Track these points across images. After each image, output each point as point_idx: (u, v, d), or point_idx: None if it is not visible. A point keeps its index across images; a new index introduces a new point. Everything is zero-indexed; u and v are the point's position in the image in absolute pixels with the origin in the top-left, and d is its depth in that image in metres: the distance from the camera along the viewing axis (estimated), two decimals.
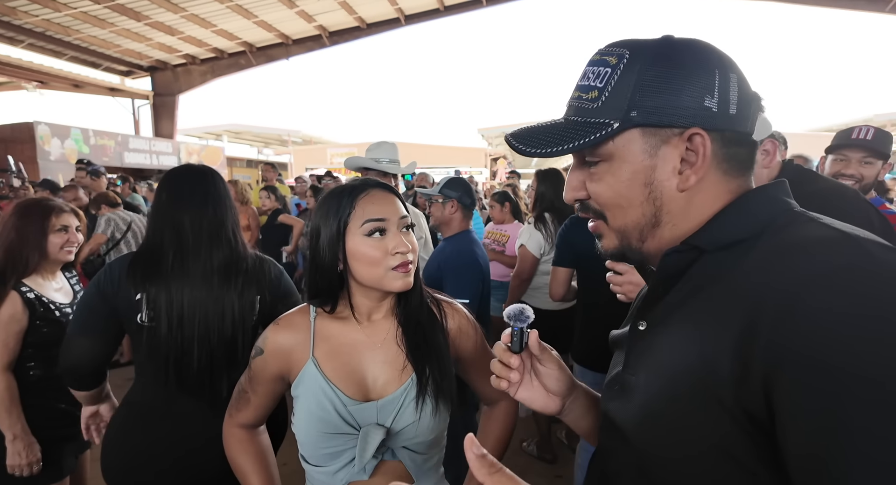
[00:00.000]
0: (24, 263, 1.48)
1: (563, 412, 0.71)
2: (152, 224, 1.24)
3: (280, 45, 11.20)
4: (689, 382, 0.47)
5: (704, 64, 0.49)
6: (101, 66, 11.32)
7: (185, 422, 1.20)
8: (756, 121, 0.52)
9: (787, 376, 0.39)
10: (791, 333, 0.39)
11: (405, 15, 10.51)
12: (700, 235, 0.51)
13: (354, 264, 0.86)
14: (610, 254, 0.58)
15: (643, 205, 0.53)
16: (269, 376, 0.92)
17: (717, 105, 0.49)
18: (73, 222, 1.60)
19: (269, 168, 6.23)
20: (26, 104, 23.30)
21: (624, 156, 0.52)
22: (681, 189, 0.51)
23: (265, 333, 0.93)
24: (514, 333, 0.65)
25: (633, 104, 0.50)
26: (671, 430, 0.48)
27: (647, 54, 0.50)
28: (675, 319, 0.51)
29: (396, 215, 0.87)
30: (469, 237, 2.12)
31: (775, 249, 0.45)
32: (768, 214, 0.50)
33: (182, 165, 1.33)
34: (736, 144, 0.51)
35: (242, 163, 16.59)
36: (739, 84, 0.50)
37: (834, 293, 0.39)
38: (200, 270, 1.20)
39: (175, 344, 1.18)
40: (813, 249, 0.43)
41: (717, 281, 0.48)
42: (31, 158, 7.89)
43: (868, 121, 17.82)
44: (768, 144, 1.25)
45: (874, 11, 8.53)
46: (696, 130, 0.49)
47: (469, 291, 1.92)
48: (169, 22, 9.39)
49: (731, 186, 0.53)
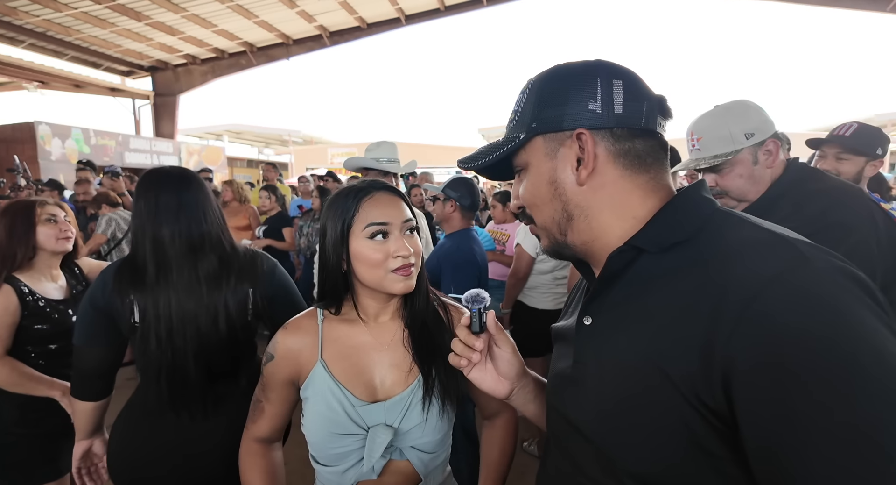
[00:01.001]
0: (13, 258, 1.49)
1: (512, 397, 0.74)
2: (134, 234, 1.20)
3: (281, 45, 11.19)
4: (646, 375, 0.50)
5: (587, 75, 0.57)
6: (101, 66, 11.32)
7: (183, 428, 1.18)
8: (654, 118, 0.58)
9: (740, 382, 0.43)
10: (744, 340, 0.43)
11: (406, 15, 10.50)
12: (640, 237, 0.56)
13: (357, 266, 0.87)
14: (548, 252, 0.65)
15: (552, 201, 0.60)
16: (281, 381, 0.93)
17: (601, 107, 0.56)
18: (60, 213, 1.59)
19: (269, 168, 6.22)
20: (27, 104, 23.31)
21: (533, 161, 0.61)
22: (580, 183, 0.58)
23: (275, 339, 0.94)
24: (472, 315, 0.70)
25: (534, 117, 0.60)
26: (631, 423, 0.51)
27: (543, 79, 0.60)
28: (626, 314, 0.55)
29: (400, 218, 0.87)
30: (469, 235, 2.19)
31: (721, 252, 0.50)
32: (700, 215, 0.55)
33: (156, 170, 1.24)
34: (628, 139, 0.57)
35: (243, 163, 16.60)
36: (626, 87, 0.57)
37: (779, 300, 0.43)
38: (185, 283, 1.16)
39: (166, 359, 1.15)
40: (754, 252, 0.47)
41: (669, 280, 0.52)
42: (32, 158, 7.89)
43: (869, 121, 17.76)
44: (771, 144, 1.25)
45: (875, 11, 8.52)
46: (581, 130, 0.56)
47: (464, 287, 1.95)
48: (169, 22, 9.38)
49: (639, 181, 0.58)
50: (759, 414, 0.42)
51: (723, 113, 1.27)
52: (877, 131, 1.88)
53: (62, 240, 1.56)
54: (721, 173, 1.27)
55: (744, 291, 0.44)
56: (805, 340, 0.40)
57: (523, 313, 2.76)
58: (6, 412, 1.46)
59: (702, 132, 1.29)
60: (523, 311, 2.76)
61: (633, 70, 0.59)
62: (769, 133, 1.24)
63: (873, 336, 0.40)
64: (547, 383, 0.69)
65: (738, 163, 1.25)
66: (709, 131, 1.27)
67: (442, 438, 0.93)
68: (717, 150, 1.26)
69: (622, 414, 0.52)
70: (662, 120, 0.59)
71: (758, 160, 1.25)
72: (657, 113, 0.58)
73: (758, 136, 1.23)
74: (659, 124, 0.59)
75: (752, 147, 1.24)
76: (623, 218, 0.58)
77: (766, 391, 0.41)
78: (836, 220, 1.12)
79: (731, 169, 1.26)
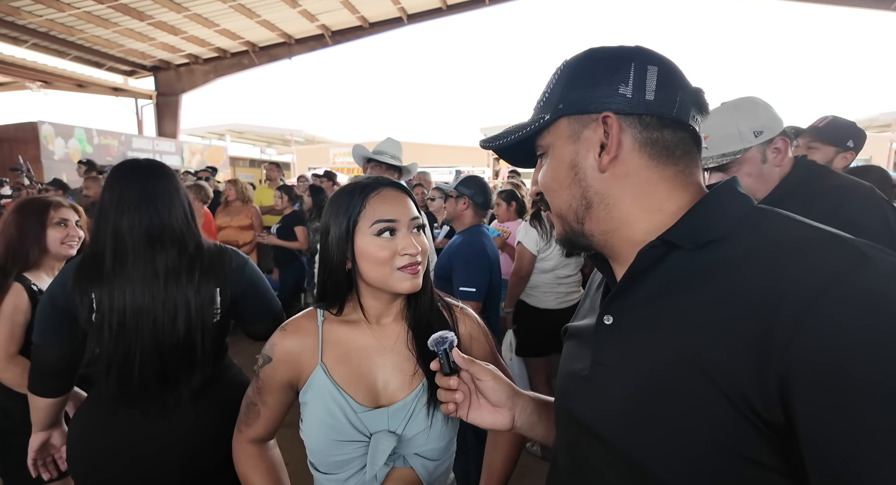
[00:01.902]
0: (25, 257, 1.50)
1: (516, 423, 0.72)
2: (95, 226, 1.18)
3: (283, 44, 11.19)
4: (679, 374, 0.47)
5: (620, 59, 0.55)
6: (104, 65, 11.33)
7: (135, 427, 1.15)
8: (688, 110, 0.55)
9: (803, 387, 0.40)
10: (806, 344, 0.40)
11: (408, 14, 10.48)
12: (675, 231, 0.52)
13: (362, 264, 0.84)
14: (561, 241, 0.63)
15: (571, 186, 0.58)
16: (279, 385, 0.90)
17: (632, 92, 0.53)
18: (73, 217, 1.60)
19: (273, 167, 6.18)
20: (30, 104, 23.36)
21: (556, 144, 0.59)
22: (601, 170, 0.55)
23: (272, 341, 0.90)
24: (441, 359, 0.70)
25: (562, 98, 0.57)
26: (659, 422, 0.48)
27: (575, 60, 0.58)
28: (655, 313, 0.52)
29: (407, 216, 0.85)
30: (480, 231, 2.23)
31: (767, 250, 0.47)
32: (737, 211, 0.52)
33: (126, 162, 1.23)
34: (657, 128, 0.54)
35: (245, 162, 16.61)
36: (661, 75, 0.54)
37: (844, 303, 0.40)
38: (140, 275, 1.13)
39: (117, 352, 1.12)
40: (809, 251, 0.44)
41: (706, 278, 0.49)
42: (35, 158, 7.90)
43: (873, 120, 17.66)
44: (780, 142, 1.23)
45: (880, 9, 8.47)
46: (607, 113, 0.54)
47: (476, 280, 2.01)
48: (172, 22, 9.39)
49: (666, 174, 0.55)
50: (821, 423, 0.39)
51: (731, 110, 1.25)
52: (850, 125, 1.99)
53: (66, 245, 1.56)
54: (729, 172, 1.25)
55: (804, 291, 0.41)
56: (873, 346, 0.38)
57: (526, 313, 2.75)
58: (14, 412, 1.45)
59: (709, 130, 1.27)
60: (526, 310, 2.75)
61: (672, 60, 0.56)
62: (778, 131, 1.23)
63: None
64: (557, 386, 0.66)
65: (746, 161, 1.23)
66: (716, 129, 1.25)
67: (447, 444, 0.90)
68: (726, 148, 1.24)
69: (649, 414, 0.49)
70: (697, 114, 0.56)
71: (767, 158, 1.23)
72: (691, 105, 0.55)
73: (767, 133, 1.21)
74: (693, 117, 0.56)
75: (761, 145, 1.22)
76: (648, 210, 0.55)
77: (828, 399, 0.39)
78: (848, 218, 1.10)
79: (740, 168, 1.24)
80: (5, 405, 1.46)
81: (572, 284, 2.77)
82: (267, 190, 5.77)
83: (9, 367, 1.42)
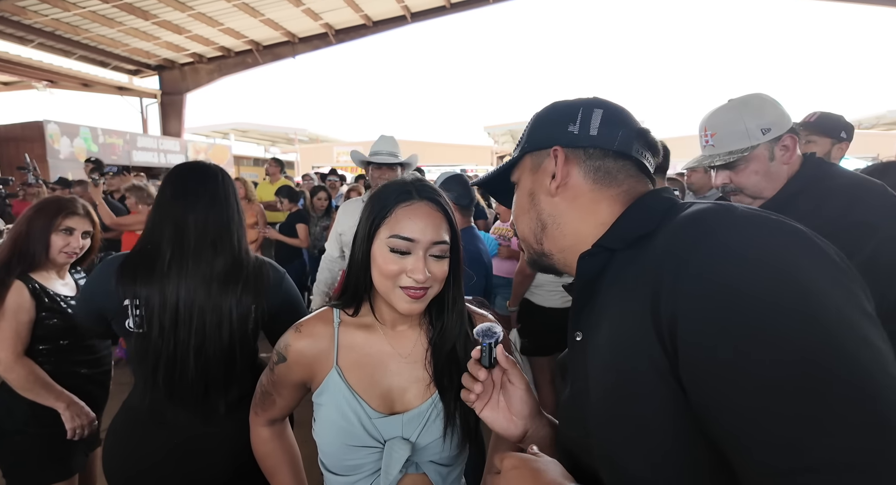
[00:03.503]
0: (32, 258, 1.49)
1: (526, 440, 0.72)
2: (152, 220, 1.17)
3: (286, 43, 11.20)
4: (631, 373, 0.48)
5: (573, 105, 0.65)
6: (109, 65, 11.37)
7: (178, 433, 1.15)
8: (631, 144, 0.63)
9: (683, 329, 0.43)
10: (680, 291, 0.44)
11: (411, 12, 10.46)
12: (607, 237, 0.59)
13: (373, 268, 0.83)
14: (529, 264, 0.71)
15: (529, 211, 0.67)
16: (293, 383, 0.90)
17: (578, 129, 0.63)
18: (82, 227, 1.57)
19: (272, 163, 6.07)
20: (36, 103, 23.52)
21: (522, 177, 0.69)
22: (552, 194, 0.63)
23: (286, 340, 0.88)
24: (483, 350, 0.71)
25: (527, 140, 0.68)
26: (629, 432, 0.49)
27: (542, 110, 0.69)
28: (609, 318, 0.54)
29: (429, 238, 0.79)
30: (471, 233, 2.14)
31: (669, 229, 0.51)
32: (660, 208, 0.57)
33: (191, 162, 1.27)
34: (600, 158, 0.63)
35: (249, 161, 16.63)
36: (605, 116, 0.63)
37: (710, 254, 0.44)
38: (200, 274, 1.13)
39: (167, 350, 1.11)
40: (693, 221, 0.49)
41: (632, 271, 0.53)
42: (41, 157, 7.94)
43: (881, 117, 17.50)
44: (787, 140, 1.21)
45: (888, 6, 8.38)
46: (556, 147, 0.63)
47: (469, 287, 1.95)
48: (176, 21, 9.41)
49: (609, 194, 0.62)
50: (692, 371, 0.42)
51: (738, 107, 1.23)
52: (839, 117, 2.11)
53: (63, 254, 1.53)
54: (736, 170, 1.24)
55: (677, 257, 0.46)
56: (730, 296, 0.41)
57: (530, 312, 2.73)
58: (18, 412, 1.45)
59: (716, 127, 1.25)
60: (530, 309, 2.73)
61: (621, 106, 0.65)
62: (786, 128, 1.21)
63: (808, 288, 0.40)
64: (559, 418, 0.67)
65: (753, 159, 1.21)
66: (723, 126, 1.23)
67: (461, 451, 0.89)
68: (733, 145, 1.22)
69: (615, 420, 0.51)
70: (644, 150, 0.64)
71: (774, 156, 1.21)
72: (635, 140, 0.63)
73: (774, 131, 1.20)
74: (637, 151, 0.63)
75: (769, 143, 1.20)
76: (592, 224, 0.61)
77: (691, 354, 0.42)
78: (859, 219, 1.08)
79: (747, 165, 1.22)
80: (10, 405, 1.46)
81: None
82: (268, 186, 5.76)
83: (15, 367, 1.42)
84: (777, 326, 0.38)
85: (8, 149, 7.94)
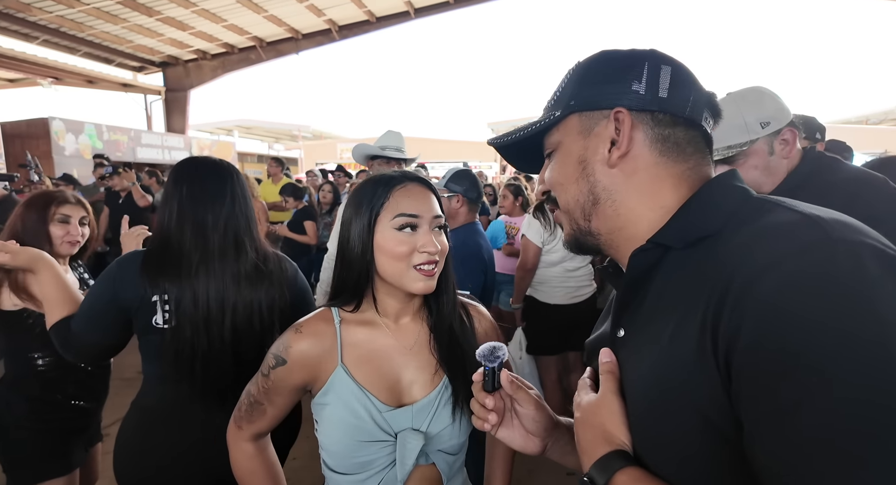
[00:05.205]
0: None
1: (547, 452, 0.69)
2: (169, 220, 1.16)
3: (290, 39, 11.18)
4: (671, 388, 0.46)
5: (634, 58, 0.55)
6: (113, 61, 11.41)
7: (197, 430, 1.15)
8: (701, 110, 0.55)
9: (741, 357, 0.39)
10: (744, 316, 0.39)
11: (415, 8, 10.42)
12: (666, 232, 0.52)
13: (380, 257, 0.83)
14: (569, 242, 0.62)
15: (579, 181, 0.57)
16: (292, 387, 0.88)
17: (645, 89, 0.53)
18: (76, 214, 1.56)
19: (273, 163, 6.05)
20: (41, 100, 23.59)
21: (566, 140, 0.58)
22: (610, 165, 0.55)
23: (285, 342, 0.86)
24: (485, 373, 0.65)
25: (573, 96, 0.57)
26: (659, 443, 0.48)
27: (588, 60, 0.58)
28: (654, 320, 0.51)
29: (430, 213, 0.84)
30: (474, 229, 2.15)
31: (741, 239, 0.45)
32: (731, 204, 0.51)
33: (202, 158, 1.25)
34: (670, 125, 0.54)
35: (253, 158, 16.69)
36: (674, 74, 0.54)
37: (787, 278, 0.39)
38: (230, 273, 1.15)
39: (202, 346, 1.12)
40: (775, 234, 0.43)
41: (689, 276, 0.48)
42: (46, 154, 7.99)
43: (888, 112, 17.32)
44: (787, 134, 1.20)
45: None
46: (619, 109, 0.54)
47: (470, 281, 1.96)
48: (180, 17, 9.42)
49: (675, 171, 0.54)
50: (745, 394, 0.39)
51: (737, 101, 1.22)
52: (813, 118, 2.23)
53: (66, 244, 1.52)
54: (735, 165, 1.23)
55: (747, 274, 0.41)
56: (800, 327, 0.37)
57: (535, 309, 2.72)
58: (17, 407, 1.46)
59: None
60: (535, 307, 2.73)
61: (685, 64, 0.56)
62: (785, 121, 1.20)
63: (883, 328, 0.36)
64: None
65: (753, 153, 1.21)
66: (722, 121, 1.23)
67: (466, 439, 0.91)
68: (731, 140, 1.21)
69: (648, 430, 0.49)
70: (710, 117, 0.56)
71: (774, 150, 1.20)
72: (704, 107, 0.55)
73: (774, 125, 1.19)
74: (705, 119, 0.56)
75: (768, 137, 1.20)
76: (652, 207, 0.54)
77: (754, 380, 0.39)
78: (862, 213, 1.07)
79: (746, 160, 1.21)
80: (8, 399, 1.46)
81: (583, 278, 2.73)
82: (271, 186, 5.74)
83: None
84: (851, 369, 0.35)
85: (14, 146, 7.98)
